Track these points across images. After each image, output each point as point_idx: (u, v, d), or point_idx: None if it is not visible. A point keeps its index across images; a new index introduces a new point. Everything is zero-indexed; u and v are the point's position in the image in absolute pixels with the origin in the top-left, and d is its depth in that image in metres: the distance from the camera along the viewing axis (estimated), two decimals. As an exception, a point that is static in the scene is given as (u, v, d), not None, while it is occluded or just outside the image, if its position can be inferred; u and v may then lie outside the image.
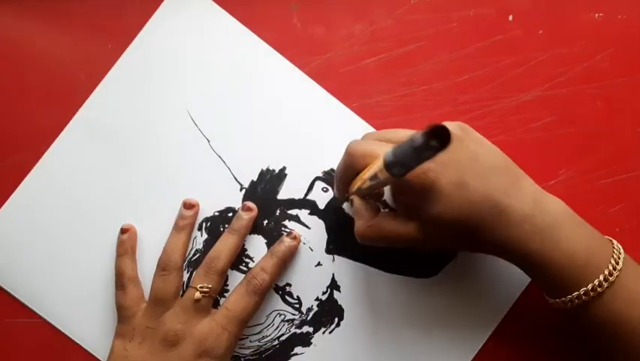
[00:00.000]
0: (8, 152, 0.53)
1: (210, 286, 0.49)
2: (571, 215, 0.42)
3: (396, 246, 0.44)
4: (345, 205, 0.51)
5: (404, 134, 0.43)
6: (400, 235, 0.42)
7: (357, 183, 0.42)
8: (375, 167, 0.37)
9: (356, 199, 0.45)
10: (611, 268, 0.41)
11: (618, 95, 0.51)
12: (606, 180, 0.51)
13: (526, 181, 0.43)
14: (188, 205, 0.51)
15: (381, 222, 0.43)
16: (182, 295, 0.50)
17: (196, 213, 0.52)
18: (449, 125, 0.41)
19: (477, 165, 0.41)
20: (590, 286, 0.40)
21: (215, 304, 0.51)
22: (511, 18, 0.51)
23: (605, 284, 0.40)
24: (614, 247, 0.42)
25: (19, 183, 0.53)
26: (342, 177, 0.45)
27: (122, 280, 0.50)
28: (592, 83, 0.51)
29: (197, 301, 0.48)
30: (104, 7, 0.53)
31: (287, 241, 0.51)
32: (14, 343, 0.52)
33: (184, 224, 0.51)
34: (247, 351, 0.51)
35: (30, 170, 0.53)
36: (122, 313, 0.50)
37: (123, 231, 0.52)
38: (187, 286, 0.51)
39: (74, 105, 0.53)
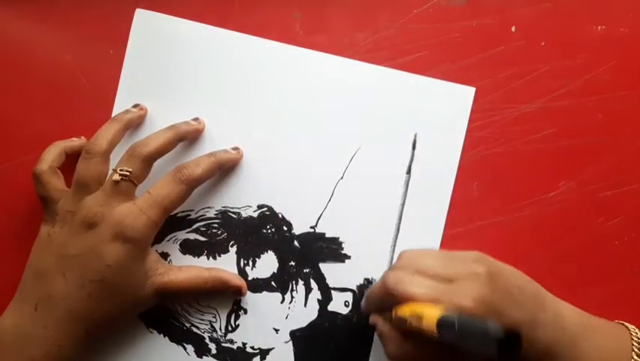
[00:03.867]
0: (10, 155, 0.53)
1: (131, 170, 0.48)
2: (585, 323, 0.44)
3: None
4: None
5: (439, 263, 0.43)
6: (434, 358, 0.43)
7: (393, 316, 0.43)
8: (425, 318, 0.38)
9: (381, 321, 0.45)
10: None
11: (619, 107, 0.51)
12: (606, 192, 0.51)
13: (549, 301, 0.44)
14: (138, 106, 0.52)
15: (411, 348, 0.43)
16: None
17: (140, 117, 0.52)
18: (469, 255, 0.43)
19: (512, 301, 0.41)
20: None
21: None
22: (513, 29, 0.51)
23: None
24: (632, 338, 0.43)
25: (20, 185, 0.53)
26: (376, 305, 0.46)
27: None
28: (593, 96, 0.51)
29: (116, 183, 0.47)
30: (106, 12, 0.53)
31: (232, 153, 0.51)
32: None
33: (122, 117, 0.51)
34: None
35: (31, 173, 0.53)
36: (44, 202, 0.50)
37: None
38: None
39: (76, 109, 0.53)
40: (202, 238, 0.53)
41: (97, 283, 0.47)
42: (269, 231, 0.52)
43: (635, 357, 0.42)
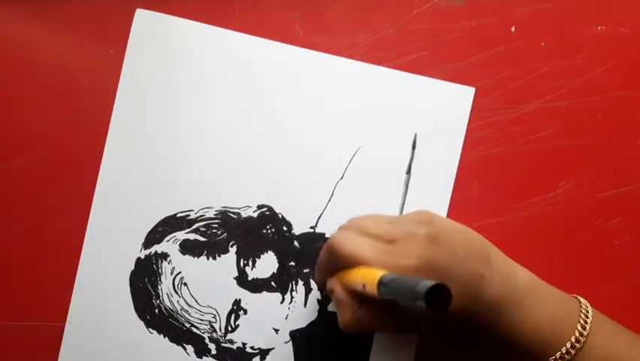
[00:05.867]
0: (10, 155, 0.53)
1: None
2: (535, 286, 0.43)
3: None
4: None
5: (381, 224, 0.43)
6: (388, 325, 0.43)
7: (342, 279, 0.43)
8: (368, 283, 0.39)
9: (338, 289, 0.45)
10: (577, 333, 0.42)
11: (619, 108, 0.51)
12: (606, 192, 0.51)
13: (497, 258, 0.43)
14: None
15: (367, 315, 0.43)
16: None
17: None
18: (413, 215, 0.43)
19: (455, 259, 0.41)
20: (558, 354, 0.41)
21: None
22: (513, 29, 0.51)
23: (573, 351, 0.41)
24: (581, 309, 0.43)
25: (20, 185, 0.53)
26: (323, 269, 0.46)
27: None
28: (593, 96, 0.51)
29: None
30: (106, 12, 0.53)
31: None
32: (12, 346, 0.53)
33: None
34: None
35: (31, 173, 0.53)
36: None
37: None
38: None
39: (75, 110, 0.53)
40: (202, 239, 0.53)
41: None
42: (269, 231, 0.52)
43: (580, 328, 0.42)
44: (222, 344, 0.52)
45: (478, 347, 0.44)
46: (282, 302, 0.52)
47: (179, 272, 0.52)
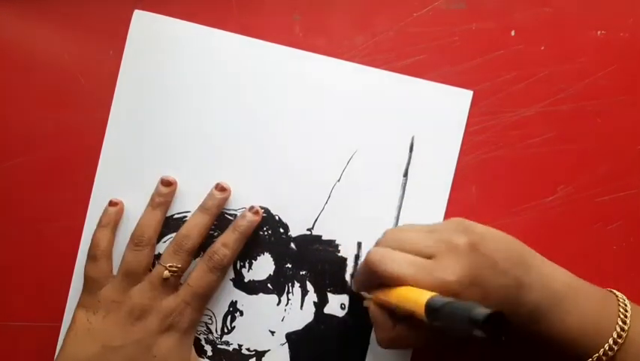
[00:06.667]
0: (8, 155, 0.53)
1: (180, 265, 0.49)
2: (574, 286, 0.43)
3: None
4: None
5: (420, 237, 0.43)
6: (424, 344, 0.43)
7: (381, 298, 0.43)
8: (415, 308, 0.38)
9: (373, 306, 0.45)
10: (619, 329, 0.42)
11: (619, 112, 0.51)
12: (605, 197, 0.51)
13: (535, 262, 0.43)
14: (166, 183, 0.52)
15: (402, 334, 0.43)
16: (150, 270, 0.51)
17: (173, 192, 0.52)
18: (449, 224, 0.43)
19: (496, 269, 0.41)
20: (601, 352, 0.41)
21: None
22: (513, 33, 0.51)
23: (616, 347, 0.41)
24: (619, 304, 0.43)
25: (19, 186, 0.53)
26: (362, 284, 0.47)
27: (96, 252, 0.51)
28: (592, 100, 0.51)
29: (166, 279, 0.49)
30: (105, 13, 0.53)
31: (249, 216, 0.51)
32: (10, 346, 0.53)
33: (160, 201, 0.51)
34: None
35: (29, 173, 0.53)
36: (89, 285, 0.50)
37: (112, 203, 0.52)
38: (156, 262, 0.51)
39: (75, 110, 0.53)
40: (199, 240, 0.53)
41: None
42: (265, 233, 0.52)
43: (620, 323, 0.42)
44: (218, 346, 0.52)
45: (521, 349, 0.44)
46: (278, 304, 0.52)
47: (176, 274, 0.52)
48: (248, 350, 0.52)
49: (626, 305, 0.43)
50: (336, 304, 0.52)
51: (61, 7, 0.54)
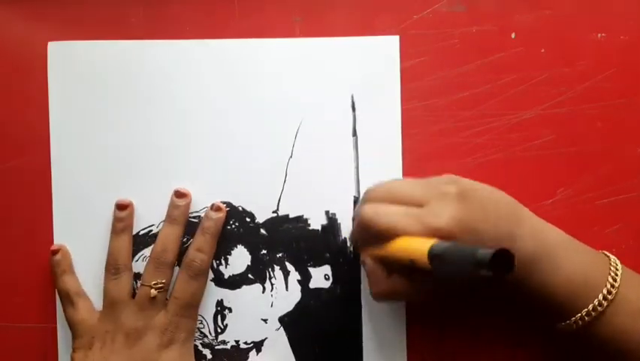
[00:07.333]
0: (8, 156, 0.53)
1: (164, 281, 0.49)
2: (566, 241, 0.44)
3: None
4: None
5: (409, 188, 0.44)
6: (417, 293, 0.43)
7: (378, 253, 0.43)
8: (416, 257, 0.39)
9: (369, 260, 0.45)
10: (609, 285, 0.42)
11: (618, 115, 0.51)
12: (604, 200, 0.51)
13: (526, 216, 0.44)
14: (122, 206, 0.51)
15: (397, 286, 0.43)
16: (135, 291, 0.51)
17: (132, 213, 0.52)
18: (441, 180, 0.44)
19: (487, 217, 0.41)
20: (590, 306, 0.42)
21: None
22: (513, 36, 0.51)
23: (605, 303, 0.42)
24: (610, 263, 0.44)
25: (17, 186, 0.53)
26: (356, 243, 0.47)
27: (70, 298, 0.51)
28: (593, 103, 0.51)
29: (154, 298, 0.49)
30: (107, 14, 0.53)
31: (213, 215, 0.51)
32: (9, 347, 0.52)
33: (121, 226, 0.51)
34: None
35: (30, 174, 0.53)
36: (77, 328, 0.50)
37: (54, 252, 0.52)
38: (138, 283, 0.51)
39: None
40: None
41: None
42: (233, 226, 0.52)
43: (611, 280, 0.42)
44: (216, 347, 0.52)
45: (512, 302, 0.45)
46: (263, 292, 0.52)
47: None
48: (246, 343, 0.52)
49: (617, 264, 0.44)
50: (320, 277, 0.52)
51: (62, 8, 0.53)
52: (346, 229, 0.51)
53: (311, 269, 0.52)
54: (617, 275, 0.43)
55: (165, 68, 0.52)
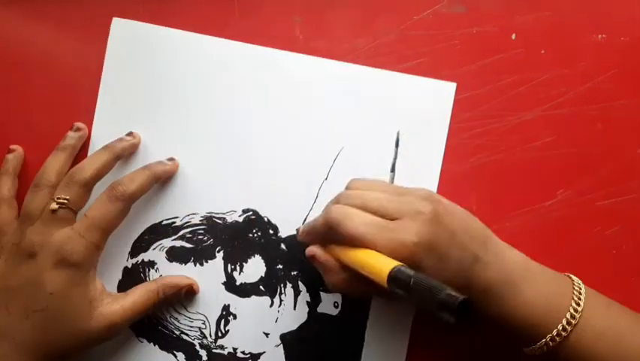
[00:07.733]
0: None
1: (69, 197, 0.47)
2: (527, 268, 0.44)
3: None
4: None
5: (385, 202, 0.43)
6: (374, 289, 0.43)
7: (338, 254, 0.43)
8: (375, 271, 0.39)
9: (319, 251, 0.45)
10: (572, 310, 0.42)
11: (619, 116, 0.51)
12: (604, 201, 0.51)
13: (494, 243, 0.44)
14: (75, 128, 0.51)
15: (353, 282, 0.43)
16: None
17: (82, 137, 0.52)
18: (418, 191, 0.44)
19: (454, 241, 0.42)
20: (555, 331, 0.42)
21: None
22: (514, 37, 0.51)
23: (569, 328, 0.42)
24: (574, 287, 0.44)
25: (19, 186, 0.53)
26: (316, 237, 0.46)
27: None
28: (593, 104, 0.51)
29: (54, 211, 0.47)
30: (108, 13, 0.53)
31: (168, 164, 0.51)
32: None
33: (65, 144, 0.51)
34: None
35: (30, 173, 0.52)
36: None
37: (10, 150, 0.52)
38: None
39: (75, 110, 0.53)
40: (188, 245, 0.52)
41: (40, 313, 0.46)
42: (255, 235, 0.52)
43: (574, 305, 0.42)
44: (213, 350, 0.51)
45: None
46: (271, 306, 0.51)
47: (167, 280, 0.52)
48: (243, 353, 0.51)
49: (580, 288, 0.44)
50: (330, 303, 0.51)
51: (63, 8, 0.53)
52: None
53: (322, 294, 0.51)
54: (580, 299, 0.43)
55: (222, 66, 0.52)
